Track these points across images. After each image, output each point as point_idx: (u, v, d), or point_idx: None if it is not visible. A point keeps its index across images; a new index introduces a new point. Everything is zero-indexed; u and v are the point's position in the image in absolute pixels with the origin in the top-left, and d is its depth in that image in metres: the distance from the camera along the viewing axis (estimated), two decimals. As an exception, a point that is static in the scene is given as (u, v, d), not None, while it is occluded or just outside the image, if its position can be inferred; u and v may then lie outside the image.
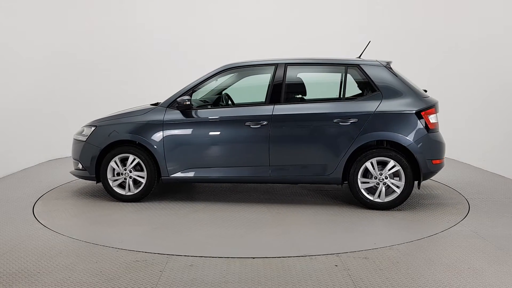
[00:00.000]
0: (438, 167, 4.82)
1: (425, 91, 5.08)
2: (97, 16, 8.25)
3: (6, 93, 6.68)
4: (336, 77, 5.30)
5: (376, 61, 4.97)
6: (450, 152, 6.32)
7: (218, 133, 4.96)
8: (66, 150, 8.04)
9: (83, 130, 5.34)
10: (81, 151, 5.21)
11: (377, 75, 4.84)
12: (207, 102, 5.53)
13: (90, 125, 5.32)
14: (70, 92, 8.09)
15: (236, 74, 5.51)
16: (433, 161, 4.72)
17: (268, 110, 4.87)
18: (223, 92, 5.61)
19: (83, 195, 5.48)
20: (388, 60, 5.13)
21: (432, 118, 4.75)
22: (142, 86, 8.30)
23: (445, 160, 4.96)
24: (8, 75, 6.75)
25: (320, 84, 5.27)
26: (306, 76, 5.27)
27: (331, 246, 3.79)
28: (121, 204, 5.07)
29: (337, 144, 4.75)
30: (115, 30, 8.35)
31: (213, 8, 8.65)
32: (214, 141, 4.96)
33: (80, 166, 5.25)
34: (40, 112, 7.59)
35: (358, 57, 5.19)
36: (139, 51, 8.51)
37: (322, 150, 4.80)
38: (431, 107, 4.78)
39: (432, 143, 4.71)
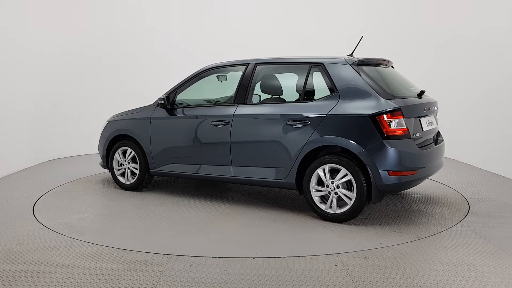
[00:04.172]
0: (401, 180, 4.19)
1: (422, 91, 4.75)
2: (102, 14, 8.26)
3: (5, 93, 6.68)
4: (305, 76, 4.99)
5: (343, 59, 4.56)
6: (450, 152, 6.33)
7: (189, 131, 5.14)
8: (66, 150, 8.07)
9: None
10: (98, 143, 5.98)
11: (339, 75, 4.45)
12: (218, 101, 5.52)
13: (107, 121, 5.97)
14: (70, 92, 8.09)
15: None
16: (390, 172, 4.13)
17: (231, 110, 4.90)
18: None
19: (83, 195, 5.48)
20: (380, 58, 4.79)
21: (394, 123, 4.17)
22: (148, 85, 8.31)
23: (419, 173, 4.33)
24: (7, 75, 6.74)
25: (289, 84, 5.09)
26: (278, 76, 5.06)
27: (331, 246, 3.79)
28: (119, 203, 5.09)
29: (289, 148, 4.51)
30: (121, 29, 8.36)
31: (225, 8, 8.65)
32: (185, 138, 5.17)
33: (100, 156, 6.00)
34: (40, 111, 7.59)
35: (349, 55, 4.88)
36: (146, 52, 8.53)
37: (276, 154, 4.60)
38: (394, 110, 4.16)
39: (390, 152, 4.11)
